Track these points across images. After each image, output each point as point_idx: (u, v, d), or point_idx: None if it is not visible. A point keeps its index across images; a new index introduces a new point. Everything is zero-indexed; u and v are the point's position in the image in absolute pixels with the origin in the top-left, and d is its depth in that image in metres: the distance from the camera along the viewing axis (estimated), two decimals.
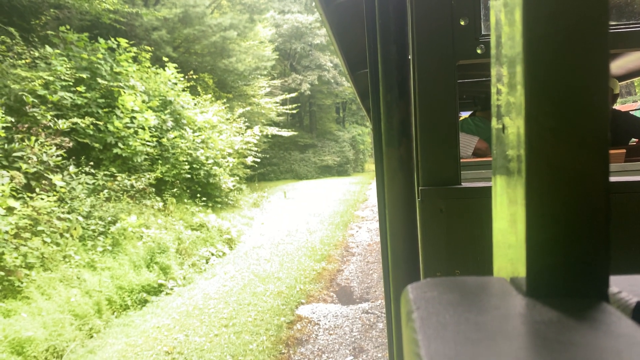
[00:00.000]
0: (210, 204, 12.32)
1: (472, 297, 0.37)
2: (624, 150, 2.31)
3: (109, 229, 7.90)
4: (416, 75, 1.19)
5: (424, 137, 1.20)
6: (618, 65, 3.54)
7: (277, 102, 23.47)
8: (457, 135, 1.21)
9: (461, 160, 1.34)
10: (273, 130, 21.00)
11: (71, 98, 8.87)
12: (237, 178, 15.22)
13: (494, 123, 0.40)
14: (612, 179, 0.36)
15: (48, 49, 9.19)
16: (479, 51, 1.23)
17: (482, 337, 0.30)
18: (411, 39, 1.19)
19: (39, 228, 6.74)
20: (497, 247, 0.41)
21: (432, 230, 1.20)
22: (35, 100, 8.24)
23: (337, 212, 14.89)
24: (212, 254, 9.73)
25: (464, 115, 5.22)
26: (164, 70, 12.64)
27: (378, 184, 1.80)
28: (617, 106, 7.55)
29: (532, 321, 0.32)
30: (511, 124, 0.37)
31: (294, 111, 26.90)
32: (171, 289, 7.67)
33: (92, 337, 5.98)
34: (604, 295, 0.35)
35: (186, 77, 14.43)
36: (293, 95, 25.54)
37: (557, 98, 0.34)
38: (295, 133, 26.50)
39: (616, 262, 0.40)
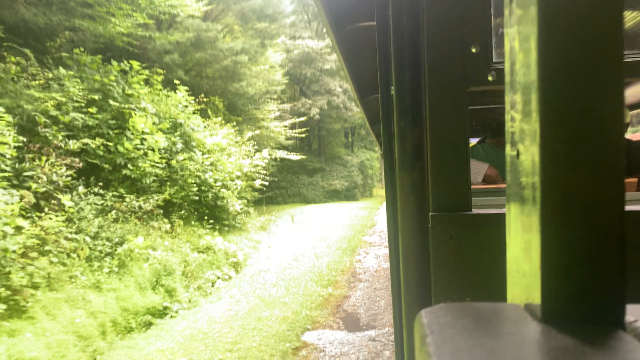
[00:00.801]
0: (217, 227, 12.31)
1: (487, 322, 0.36)
2: (636, 180, 2.29)
3: (115, 250, 7.90)
4: (427, 102, 1.19)
5: (434, 162, 1.20)
6: (629, 94, 3.54)
7: (286, 126, 23.61)
8: (467, 161, 1.21)
9: (471, 187, 1.34)
10: (282, 154, 21.08)
11: (82, 119, 8.97)
12: (245, 201, 15.23)
13: (508, 150, 0.40)
14: (626, 207, 0.35)
15: (62, 70, 9.34)
16: (490, 78, 1.24)
17: None
18: (423, 65, 1.19)
19: (46, 248, 6.74)
20: (510, 274, 0.41)
21: (442, 256, 1.19)
22: (47, 121, 8.34)
23: (345, 237, 14.82)
24: (218, 277, 9.68)
25: (473, 142, 5.22)
26: (175, 93, 12.79)
27: (388, 208, 1.79)
28: (628, 135, 7.54)
29: (547, 348, 0.32)
30: (525, 151, 0.37)
31: (303, 135, 27.01)
32: (176, 312, 7.62)
33: (95, 359, 5.93)
34: (620, 322, 0.35)
35: (197, 100, 14.59)
36: (302, 119, 25.69)
37: (572, 125, 0.34)
38: (304, 157, 26.57)
39: (632, 291, 0.39)
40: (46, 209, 7.26)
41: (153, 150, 10.30)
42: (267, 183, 17.55)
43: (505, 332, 0.34)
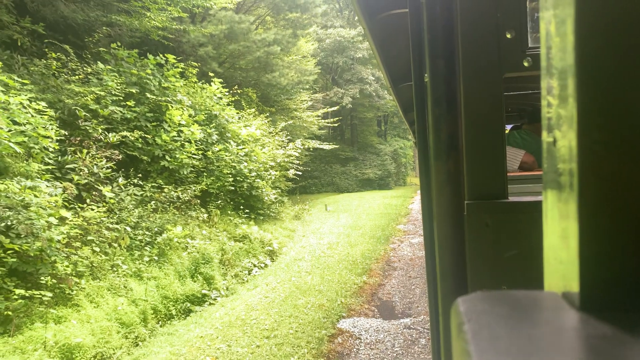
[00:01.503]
0: (252, 216, 12.47)
1: (524, 310, 0.36)
2: None
3: (155, 239, 8.11)
4: (462, 89, 1.18)
5: (470, 150, 1.19)
6: None
7: (318, 116, 23.64)
8: (503, 148, 1.20)
9: (507, 174, 1.34)
10: (315, 144, 21.14)
11: (121, 112, 9.20)
12: (279, 191, 15.37)
13: (545, 136, 0.39)
14: None
15: (100, 65, 9.57)
16: (525, 64, 1.22)
17: (536, 350, 0.30)
18: (457, 52, 1.19)
19: (89, 238, 6.97)
20: (547, 262, 0.40)
21: (478, 244, 1.18)
22: (87, 115, 8.59)
23: (379, 225, 14.80)
24: (255, 265, 9.83)
25: (509, 128, 5.14)
26: (210, 85, 12.98)
27: (423, 197, 1.79)
28: None
29: (586, 335, 0.32)
30: (562, 137, 0.36)
31: (336, 124, 27.00)
32: (214, 300, 7.78)
33: (137, 345, 6.12)
34: None
35: (231, 91, 14.76)
36: (335, 108, 25.66)
37: (609, 111, 0.34)
38: (337, 146, 26.57)
39: None
40: (88, 200, 7.49)
41: (190, 141, 10.49)
42: (300, 173, 17.67)
43: (543, 320, 0.35)
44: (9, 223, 5.69)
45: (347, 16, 34.17)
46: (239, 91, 16.64)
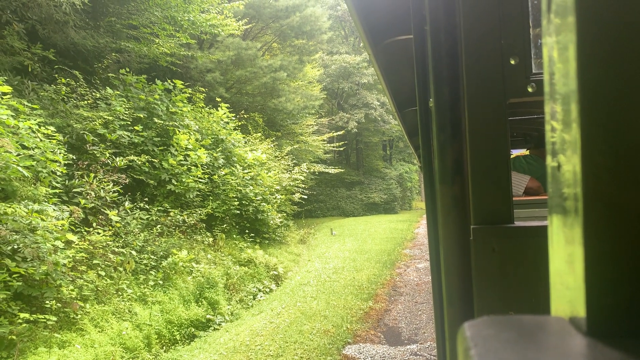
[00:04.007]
0: (258, 240, 12.46)
1: (531, 335, 0.36)
2: None
3: (160, 263, 8.10)
4: (467, 114, 1.19)
5: (475, 175, 1.20)
6: None
7: (324, 140, 23.77)
8: (509, 173, 1.20)
9: (513, 199, 1.33)
10: (320, 168, 21.21)
11: (129, 136, 9.29)
12: (285, 214, 15.38)
13: (549, 161, 0.39)
14: None
15: (109, 90, 9.71)
16: (530, 89, 1.23)
17: None
18: (462, 78, 1.19)
19: (94, 262, 6.98)
20: (554, 287, 0.40)
21: (484, 269, 1.18)
22: (95, 139, 8.68)
23: (384, 250, 14.72)
24: (260, 290, 9.77)
25: (515, 153, 5.15)
26: (217, 110, 13.12)
27: (429, 221, 1.75)
28: None
29: None
30: (566, 162, 0.36)
31: (341, 149, 27.13)
32: (219, 325, 7.72)
33: None
34: None
35: (237, 116, 14.91)
36: (340, 133, 25.80)
37: (613, 135, 0.34)
38: (342, 170, 26.62)
39: None
40: (94, 224, 7.52)
41: (196, 165, 10.56)
42: (305, 197, 17.70)
43: (550, 345, 0.34)
44: (16, 246, 5.71)
45: (352, 42, 34.61)
46: (245, 116, 16.79)
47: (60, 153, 7.21)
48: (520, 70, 1.23)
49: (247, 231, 12.14)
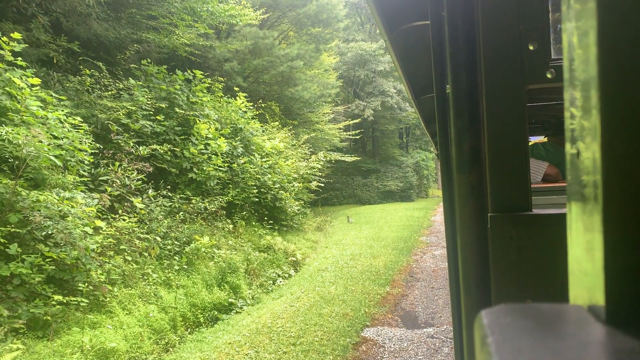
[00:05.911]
0: (276, 227, 12.69)
1: (549, 323, 0.36)
2: None
3: (184, 249, 8.36)
4: (485, 101, 1.17)
5: (493, 163, 1.17)
6: None
7: (340, 128, 23.90)
8: (527, 160, 1.19)
9: (531, 186, 1.32)
10: (336, 156, 21.35)
11: (151, 126, 9.53)
12: (302, 202, 15.58)
13: (568, 148, 0.39)
14: None
15: (131, 80, 9.94)
16: (549, 75, 1.21)
17: None
18: (480, 64, 1.18)
19: (121, 247, 7.24)
20: (572, 274, 0.40)
21: (502, 257, 1.16)
22: (119, 129, 8.93)
23: (401, 237, 14.85)
24: (279, 275, 10.01)
25: (533, 140, 5.17)
26: (235, 99, 13.33)
27: (446, 209, 1.74)
28: None
29: (613, 349, 0.32)
30: (586, 149, 0.36)
31: (357, 137, 27.24)
32: (241, 308, 7.97)
33: (168, 351, 6.33)
34: None
35: (255, 105, 15.11)
36: (356, 121, 25.90)
37: (633, 122, 0.34)
38: (358, 158, 26.73)
39: None
40: (120, 211, 7.78)
41: (216, 154, 10.79)
42: (322, 185, 17.88)
43: (568, 334, 0.34)
44: (49, 232, 5.98)
45: (368, 30, 34.50)
46: (262, 105, 16.99)
47: (86, 142, 7.45)
48: (539, 56, 1.19)
49: (265, 218, 12.37)
